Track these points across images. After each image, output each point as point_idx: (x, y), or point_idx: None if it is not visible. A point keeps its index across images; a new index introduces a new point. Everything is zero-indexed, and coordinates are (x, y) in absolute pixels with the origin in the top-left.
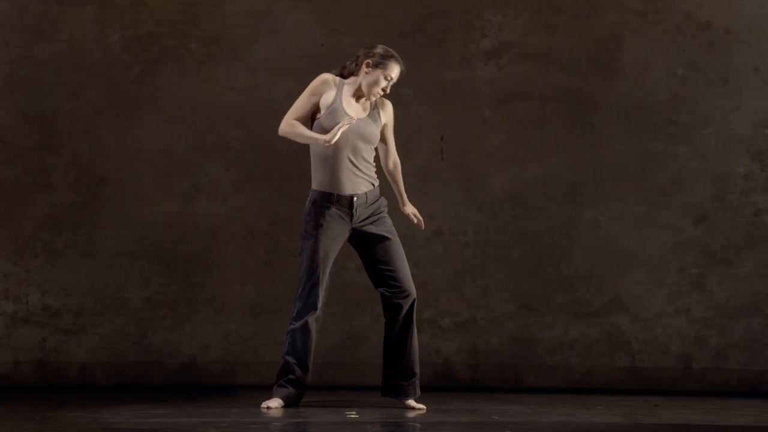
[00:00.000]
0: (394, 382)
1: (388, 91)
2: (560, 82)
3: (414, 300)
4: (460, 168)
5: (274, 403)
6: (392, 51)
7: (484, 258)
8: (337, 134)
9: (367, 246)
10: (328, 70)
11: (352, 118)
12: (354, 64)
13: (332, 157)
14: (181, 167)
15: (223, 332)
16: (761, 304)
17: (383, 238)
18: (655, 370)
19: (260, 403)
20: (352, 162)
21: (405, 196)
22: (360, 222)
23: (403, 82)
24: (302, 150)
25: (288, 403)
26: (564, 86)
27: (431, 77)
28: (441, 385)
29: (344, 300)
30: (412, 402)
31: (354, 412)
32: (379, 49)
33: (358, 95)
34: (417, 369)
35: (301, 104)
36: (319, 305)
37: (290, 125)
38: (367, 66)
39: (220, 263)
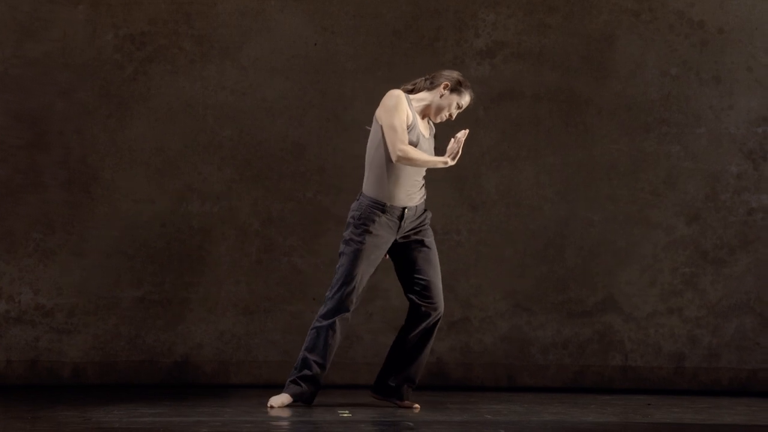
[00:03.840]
0: (393, 383)
1: (453, 118)
2: (553, 81)
3: (440, 316)
4: (453, 167)
5: (282, 400)
6: (468, 81)
7: (477, 257)
8: (458, 155)
9: (405, 253)
10: (321, 69)
11: (465, 132)
12: (429, 83)
13: (396, 170)
14: (173, 166)
15: (216, 331)
16: (753, 303)
17: (423, 245)
18: (648, 370)
19: (254, 402)
20: (413, 178)
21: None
22: (405, 233)
23: (396, 81)
24: (295, 150)
25: (300, 400)
26: (557, 85)
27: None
28: (434, 384)
29: None
30: (407, 402)
31: (347, 412)
32: (458, 75)
33: (424, 113)
34: (418, 379)
35: (404, 126)
36: (352, 309)
37: (409, 151)
38: (445, 88)
39: (213, 262)
